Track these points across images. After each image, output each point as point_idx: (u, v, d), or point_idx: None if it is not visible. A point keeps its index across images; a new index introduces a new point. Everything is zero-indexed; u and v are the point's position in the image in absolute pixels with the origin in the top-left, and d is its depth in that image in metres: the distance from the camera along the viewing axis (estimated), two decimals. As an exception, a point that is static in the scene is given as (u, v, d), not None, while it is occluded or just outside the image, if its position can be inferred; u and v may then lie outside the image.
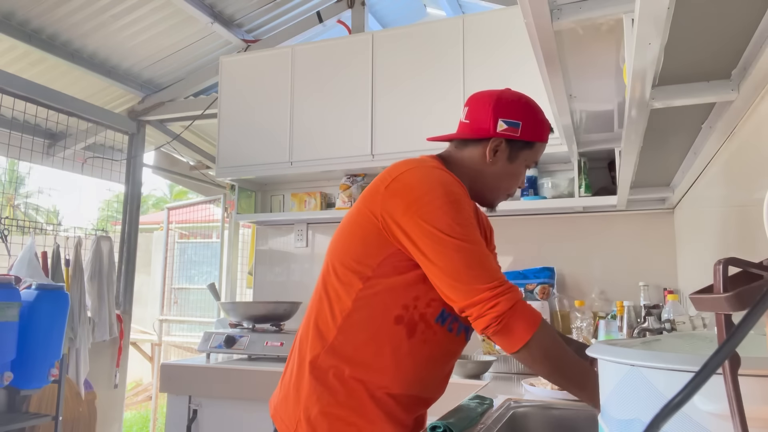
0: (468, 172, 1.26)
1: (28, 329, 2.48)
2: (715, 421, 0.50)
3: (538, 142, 1.25)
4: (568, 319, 2.55)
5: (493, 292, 1.05)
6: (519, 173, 1.27)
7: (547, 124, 1.28)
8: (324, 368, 1.15)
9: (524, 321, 1.05)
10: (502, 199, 1.32)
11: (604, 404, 0.72)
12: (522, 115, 1.24)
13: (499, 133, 1.23)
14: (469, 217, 1.11)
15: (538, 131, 1.25)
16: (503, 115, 1.24)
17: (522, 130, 1.23)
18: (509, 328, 1.05)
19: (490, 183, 1.27)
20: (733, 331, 0.34)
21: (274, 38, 3.61)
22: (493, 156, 1.24)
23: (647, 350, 0.65)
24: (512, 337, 1.05)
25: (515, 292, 1.07)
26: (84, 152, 3.74)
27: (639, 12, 0.78)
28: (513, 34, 2.46)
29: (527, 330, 1.05)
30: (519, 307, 1.06)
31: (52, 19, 3.02)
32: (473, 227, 1.10)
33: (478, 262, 1.07)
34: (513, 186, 1.29)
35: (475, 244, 1.08)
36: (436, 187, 1.11)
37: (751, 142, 1.22)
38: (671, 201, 2.35)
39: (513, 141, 1.24)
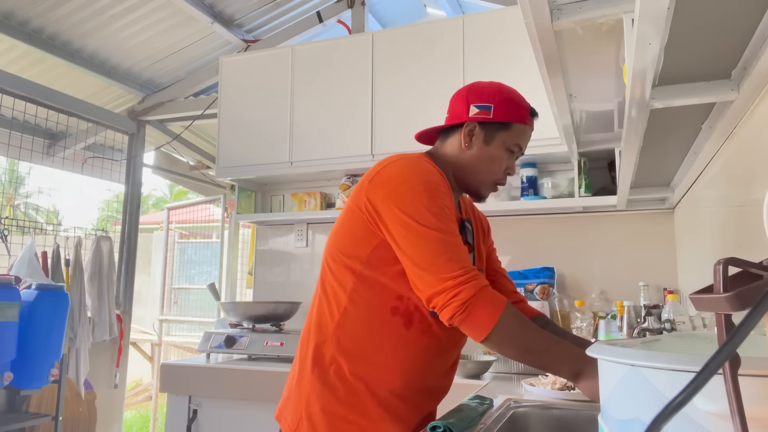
0: (451, 162, 1.27)
1: (28, 329, 2.48)
2: (715, 421, 0.50)
3: (516, 123, 1.23)
4: (568, 319, 2.55)
5: (456, 280, 1.04)
6: (499, 156, 1.24)
7: (526, 106, 1.25)
8: (324, 366, 1.15)
9: (488, 307, 1.04)
10: (489, 187, 1.29)
11: (604, 404, 0.72)
12: (493, 98, 1.24)
13: (471, 117, 1.24)
14: (443, 206, 1.11)
15: (514, 111, 1.23)
16: (474, 100, 1.25)
17: (495, 112, 1.22)
18: (473, 316, 1.04)
19: (470, 169, 1.26)
20: (734, 331, 0.34)
21: (274, 38, 3.61)
22: (469, 141, 1.24)
23: (647, 350, 0.65)
24: (477, 324, 1.04)
25: (479, 279, 1.06)
26: (84, 152, 3.74)
27: (639, 12, 0.78)
28: (513, 34, 2.46)
29: (492, 315, 1.03)
30: (482, 293, 1.04)
31: (52, 19, 3.02)
32: (447, 217, 1.10)
33: (445, 251, 1.06)
34: (495, 171, 1.26)
35: (445, 234, 1.08)
36: (413, 176, 1.13)
37: (751, 142, 1.22)
38: (671, 201, 2.35)
39: (487, 123, 1.23)
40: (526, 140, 1.27)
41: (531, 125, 1.27)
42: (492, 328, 1.03)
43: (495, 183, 1.28)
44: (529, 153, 2.46)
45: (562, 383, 1.59)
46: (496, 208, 2.64)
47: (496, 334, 1.04)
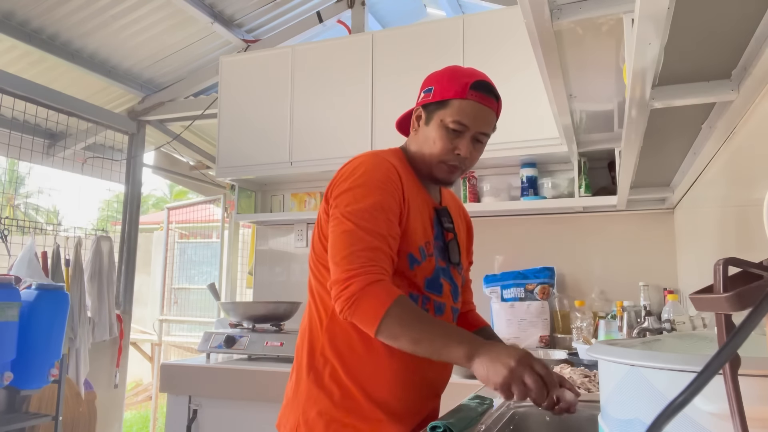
0: (412, 151, 1.27)
1: (28, 329, 2.48)
2: (715, 421, 0.50)
3: (453, 99, 1.18)
4: (568, 319, 2.55)
5: (350, 273, 1.02)
6: (439, 135, 1.19)
7: (467, 81, 1.18)
8: (319, 370, 1.15)
9: (376, 299, 1.01)
10: (441, 169, 1.22)
11: (604, 404, 0.72)
12: (437, 80, 1.22)
13: (418, 103, 1.26)
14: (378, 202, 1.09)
15: (450, 88, 1.19)
16: (423, 87, 1.26)
17: (434, 92, 1.21)
18: (361, 308, 1.01)
19: (419, 153, 1.23)
20: (735, 331, 0.34)
21: (274, 38, 3.61)
22: (416, 125, 1.25)
23: (647, 350, 0.65)
24: (366, 316, 1.01)
25: (371, 274, 1.02)
26: (84, 152, 3.74)
27: (639, 12, 0.78)
28: (513, 34, 2.46)
29: (379, 307, 1.00)
30: (372, 286, 1.01)
31: (52, 19, 3.02)
32: (377, 212, 1.08)
33: (354, 244, 1.05)
34: (439, 151, 1.19)
35: (363, 229, 1.06)
36: (357, 168, 1.14)
37: (751, 142, 1.22)
38: (671, 201, 2.35)
39: (428, 105, 1.22)
40: (471, 116, 1.18)
41: (477, 100, 1.18)
42: (380, 319, 1.00)
43: (446, 164, 1.21)
44: (529, 153, 2.46)
45: (562, 383, 1.59)
46: (496, 208, 2.64)
47: (386, 326, 1.00)
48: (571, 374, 1.62)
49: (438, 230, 1.25)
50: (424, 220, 1.21)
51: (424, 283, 1.17)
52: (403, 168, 1.22)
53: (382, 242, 1.07)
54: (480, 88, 1.18)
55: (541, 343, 2.48)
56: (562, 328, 2.56)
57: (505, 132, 2.45)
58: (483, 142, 1.22)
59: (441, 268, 1.22)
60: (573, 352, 2.20)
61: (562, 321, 2.57)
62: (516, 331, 2.53)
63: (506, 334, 2.55)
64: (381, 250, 1.06)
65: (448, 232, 1.27)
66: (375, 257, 1.05)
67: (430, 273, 1.19)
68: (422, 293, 1.17)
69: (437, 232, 1.24)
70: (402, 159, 1.25)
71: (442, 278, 1.22)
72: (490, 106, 1.20)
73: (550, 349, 2.38)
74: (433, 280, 1.19)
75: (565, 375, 1.63)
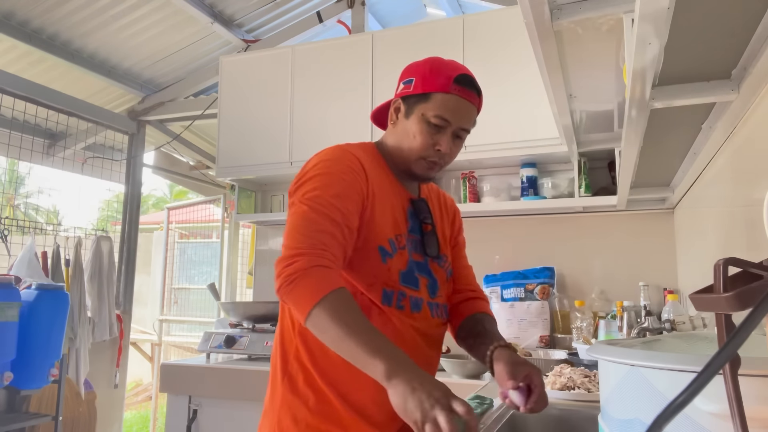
0: (389, 144, 1.22)
1: (28, 329, 2.48)
2: (715, 421, 0.50)
3: (436, 93, 1.12)
4: (568, 319, 2.55)
5: (295, 251, 0.98)
6: (419, 130, 1.14)
7: (450, 75, 1.13)
8: (293, 375, 1.11)
9: (313, 284, 0.94)
10: (419, 165, 1.17)
11: (604, 404, 0.72)
12: (417, 71, 1.17)
13: (397, 94, 1.20)
14: (334, 190, 1.05)
15: (433, 81, 1.13)
16: (403, 78, 1.21)
17: (415, 84, 1.15)
18: (296, 291, 0.95)
19: (397, 147, 1.19)
20: (735, 331, 0.34)
21: (274, 38, 3.61)
22: (395, 118, 1.19)
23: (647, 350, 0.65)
24: (299, 301, 0.95)
25: (318, 257, 0.97)
26: (84, 152, 3.74)
27: (639, 12, 0.78)
28: (513, 34, 2.46)
29: (314, 294, 0.93)
30: (314, 270, 0.95)
31: (52, 19, 3.02)
32: (333, 198, 1.04)
33: (306, 226, 1.01)
34: (419, 147, 1.15)
35: (316, 212, 1.02)
36: (319, 161, 1.11)
37: (751, 142, 1.22)
38: (671, 201, 2.35)
39: (408, 97, 1.17)
40: (454, 111, 1.13)
41: (460, 94, 1.13)
42: (312, 306, 0.93)
43: (425, 160, 1.16)
44: (529, 153, 2.46)
45: (562, 383, 1.59)
46: (496, 208, 2.64)
47: (316, 315, 0.93)
48: (571, 374, 1.63)
49: (414, 223, 1.20)
50: (395, 213, 1.16)
51: (399, 277, 1.12)
52: (372, 160, 1.18)
53: (336, 229, 1.02)
54: (463, 82, 1.13)
55: (541, 343, 2.48)
56: (562, 328, 2.56)
57: (505, 132, 2.45)
58: (462, 137, 1.18)
59: (416, 263, 1.17)
60: (573, 352, 2.20)
61: (562, 321, 2.57)
62: (516, 331, 2.53)
63: (506, 334, 2.55)
64: (333, 236, 1.01)
65: (426, 224, 1.22)
66: (326, 241, 1.00)
67: (404, 266, 1.14)
68: (398, 288, 1.11)
69: (413, 225, 1.20)
70: (372, 151, 1.21)
71: (417, 273, 1.16)
72: (473, 101, 1.15)
73: (550, 349, 2.38)
74: (408, 273, 1.14)
75: (565, 375, 1.63)
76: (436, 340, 1.22)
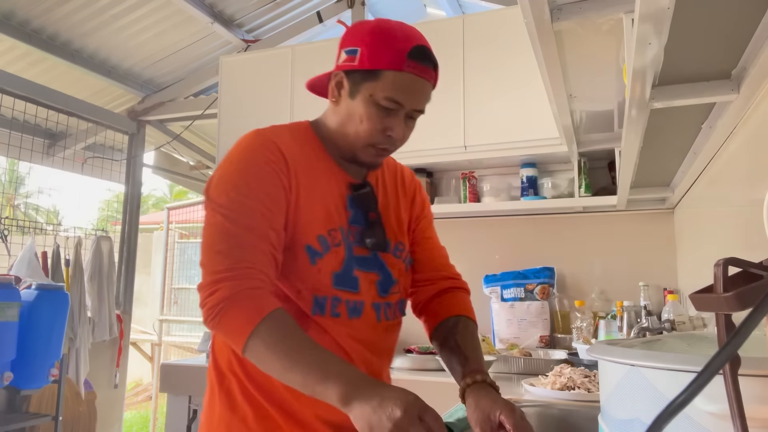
0: (330, 126, 1.05)
1: (28, 329, 2.48)
2: (715, 421, 0.50)
3: (385, 71, 0.95)
4: (568, 319, 2.55)
5: (215, 276, 0.86)
6: (367, 114, 0.97)
7: (404, 48, 0.95)
8: (229, 389, 1.00)
9: (244, 311, 0.84)
10: (367, 152, 1.02)
11: (604, 404, 0.72)
12: (363, 40, 0.97)
13: (339, 66, 1.01)
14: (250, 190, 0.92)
15: (383, 55, 0.95)
16: (345, 45, 1.01)
17: (360, 57, 0.96)
18: (226, 321, 0.85)
19: (339, 129, 1.02)
20: (735, 331, 0.34)
21: (274, 38, 3.61)
22: (337, 95, 1.01)
23: (647, 350, 0.65)
24: (232, 331, 0.85)
25: (242, 279, 0.86)
26: (84, 152, 3.75)
27: (639, 12, 0.78)
28: (513, 34, 2.46)
29: (247, 323, 0.83)
30: (242, 295, 0.85)
31: (52, 19, 3.02)
32: (251, 200, 0.91)
33: (222, 241, 0.89)
34: (366, 132, 0.99)
35: (234, 223, 0.90)
36: (232, 153, 0.98)
37: (751, 142, 1.22)
38: (671, 201, 2.35)
39: (352, 72, 0.98)
40: (408, 92, 0.96)
41: (414, 72, 0.96)
42: (247, 337, 0.83)
43: (374, 147, 1.01)
44: (529, 153, 2.46)
45: (562, 383, 1.59)
46: (496, 208, 2.64)
47: (253, 346, 0.83)
48: (571, 374, 1.63)
49: (356, 212, 1.04)
50: (329, 204, 1.01)
51: (331, 280, 0.98)
52: (303, 143, 1.03)
53: (259, 239, 0.90)
54: (418, 56, 0.96)
55: (541, 343, 2.48)
56: (562, 328, 2.56)
57: (505, 132, 2.45)
58: (416, 118, 1.03)
59: (360, 259, 1.02)
60: (573, 352, 2.20)
61: (562, 321, 2.57)
62: (516, 331, 2.53)
63: (506, 334, 2.55)
64: (257, 248, 0.89)
65: (371, 212, 1.06)
66: (248, 257, 0.88)
67: (338, 266, 0.99)
68: (331, 293, 0.98)
69: (355, 215, 1.04)
70: (304, 133, 1.06)
71: (357, 270, 1.01)
72: (429, 78, 0.99)
73: (550, 349, 2.38)
74: (344, 274, 0.99)
75: (565, 375, 1.63)
76: (385, 348, 1.07)
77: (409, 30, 1.00)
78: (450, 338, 1.08)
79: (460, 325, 1.10)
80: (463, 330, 1.09)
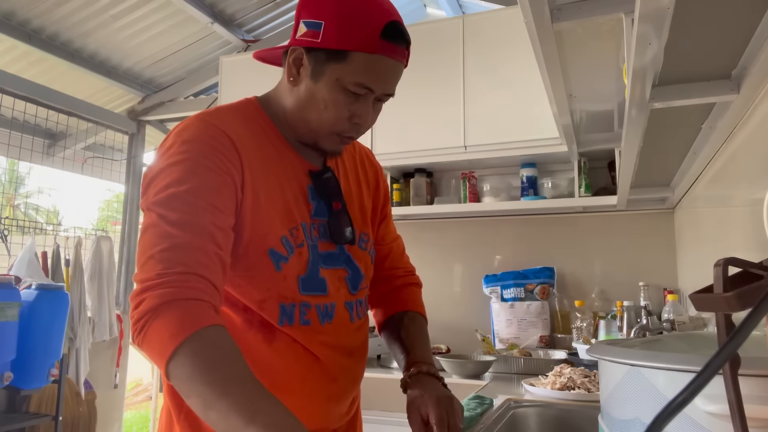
0: (286, 107, 0.92)
1: (28, 329, 2.48)
2: (715, 421, 0.50)
3: (355, 52, 0.82)
4: (568, 319, 2.55)
5: (143, 285, 0.73)
6: (332, 101, 0.85)
7: (376, 26, 0.82)
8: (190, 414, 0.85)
9: (164, 328, 0.70)
10: (330, 140, 0.91)
11: (604, 404, 0.72)
12: (328, 11, 0.83)
13: (297, 40, 0.86)
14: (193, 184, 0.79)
15: (352, 33, 0.82)
16: (305, 14, 0.85)
17: (325, 33, 0.82)
18: (150, 337, 0.71)
19: (299, 115, 0.90)
20: (735, 331, 0.34)
21: (274, 38, 3.61)
22: (296, 73, 0.88)
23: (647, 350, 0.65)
24: (154, 354, 0.71)
25: (176, 287, 0.72)
26: (84, 152, 3.75)
27: (639, 12, 0.78)
28: (513, 34, 2.46)
29: (168, 342, 0.69)
30: (167, 308, 0.70)
31: (52, 19, 3.02)
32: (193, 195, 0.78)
33: (158, 244, 0.75)
34: (330, 119, 0.87)
35: (169, 222, 0.76)
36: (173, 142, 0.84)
37: (751, 142, 1.22)
38: (671, 201, 2.35)
39: (316, 50, 0.84)
40: (379, 76, 0.85)
41: (387, 53, 0.84)
42: (167, 360, 0.69)
43: (339, 135, 0.90)
44: (529, 153, 2.46)
45: (562, 383, 1.59)
46: (496, 208, 2.64)
47: (172, 375, 0.69)
48: (571, 374, 1.63)
49: (318, 204, 0.93)
50: (288, 198, 0.89)
51: (298, 285, 0.88)
52: (253, 127, 0.90)
53: (201, 238, 0.76)
54: (392, 35, 0.84)
55: (541, 343, 2.48)
56: (562, 328, 2.56)
57: (505, 132, 2.45)
58: (384, 101, 0.91)
59: (323, 255, 0.92)
60: (573, 352, 2.20)
61: (562, 321, 2.57)
62: (516, 331, 2.53)
63: (506, 334, 2.55)
64: (198, 249, 0.76)
65: (335, 201, 0.95)
66: (185, 260, 0.74)
67: (303, 269, 0.88)
68: (299, 300, 0.88)
69: (318, 207, 0.93)
70: (254, 113, 0.93)
71: (323, 269, 0.91)
72: (402, 59, 0.87)
73: (550, 349, 2.38)
74: (310, 277, 0.89)
75: (565, 375, 1.63)
76: (357, 347, 0.98)
77: (378, 1, 0.85)
78: (395, 331, 1.06)
79: (405, 319, 1.07)
80: (408, 324, 1.06)
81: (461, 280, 2.80)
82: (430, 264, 2.82)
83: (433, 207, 2.67)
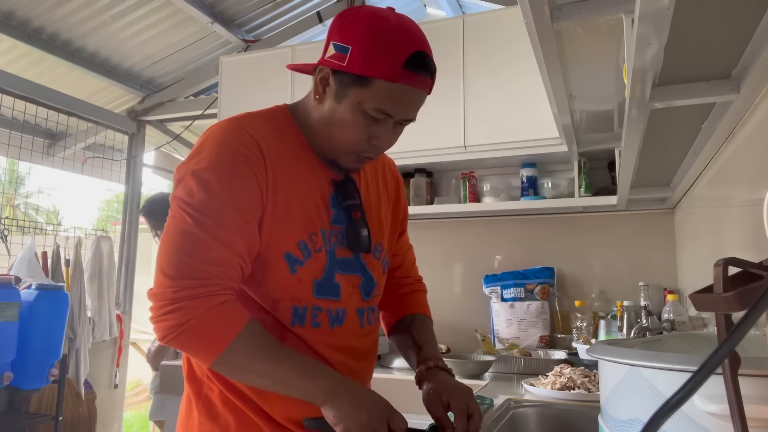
0: (312, 119, 0.96)
1: (28, 329, 2.48)
2: (715, 421, 0.50)
3: (377, 80, 0.86)
4: (568, 319, 2.55)
5: (180, 292, 0.80)
6: (353, 122, 0.90)
7: (400, 56, 0.85)
8: (208, 397, 0.94)
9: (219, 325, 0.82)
10: (348, 159, 0.96)
11: (604, 404, 0.72)
12: (356, 39, 0.86)
13: (326, 61, 0.91)
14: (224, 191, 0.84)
15: (377, 61, 0.85)
16: (335, 37, 0.90)
17: (351, 58, 0.86)
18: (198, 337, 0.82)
19: (322, 130, 0.94)
20: (732, 330, 0.34)
21: (274, 38, 3.61)
22: (322, 92, 0.93)
23: (647, 350, 0.65)
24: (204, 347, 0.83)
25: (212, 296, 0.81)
26: (84, 152, 3.75)
27: (639, 12, 0.78)
28: (513, 34, 2.46)
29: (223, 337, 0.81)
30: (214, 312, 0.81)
31: (52, 19, 3.02)
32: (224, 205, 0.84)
33: (195, 253, 0.82)
34: (350, 139, 0.91)
35: (207, 230, 0.82)
36: (203, 145, 0.89)
37: (751, 142, 1.22)
38: (671, 201, 2.35)
39: (341, 73, 0.89)
40: (399, 104, 0.89)
41: (409, 83, 0.87)
42: (221, 353, 0.81)
43: (357, 155, 0.95)
44: (529, 153, 2.46)
45: (562, 383, 1.59)
46: (496, 208, 2.64)
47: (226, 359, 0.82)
48: (571, 374, 1.63)
49: (339, 211, 0.97)
50: (309, 204, 0.94)
51: (312, 289, 0.93)
52: (281, 133, 0.94)
53: (230, 252, 0.84)
54: (416, 65, 0.87)
55: (541, 343, 2.48)
56: (562, 328, 2.56)
57: (505, 132, 2.45)
58: (405, 125, 0.96)
59: (342, 262, 0.96)
60: (573, 352, 2.20)
61: (562, 321, 2.57)
62: (516, 331, 2.53)
63: (506, 334, 2.55)
64: (228, 263, 0.84)
65: (355, 211, 0.99)
66: (218, 273, 0.83)
67: (319, 273, 0.93)
68: (311, 303, 0.93)
69: (338, 214, 0.97)
70: (283, 120, 0.97)
71: (339, 275, 0.96)
72: (424, 88, 0.91)
73: (550, 349, 2.38)
74: (325, 282, 0.94)
75: (565, 375, 1.63)
76: (367, 351, 1.04)
77: (408, 31, 0.88)
78: (407, 332, 1.11)
79: (416, 321, 1.13)
80: (418, 325, 1.12)
81: (461, 280, 2.80)
82: (430, 264, 2.82)
83: (433, 207, 2.67)
